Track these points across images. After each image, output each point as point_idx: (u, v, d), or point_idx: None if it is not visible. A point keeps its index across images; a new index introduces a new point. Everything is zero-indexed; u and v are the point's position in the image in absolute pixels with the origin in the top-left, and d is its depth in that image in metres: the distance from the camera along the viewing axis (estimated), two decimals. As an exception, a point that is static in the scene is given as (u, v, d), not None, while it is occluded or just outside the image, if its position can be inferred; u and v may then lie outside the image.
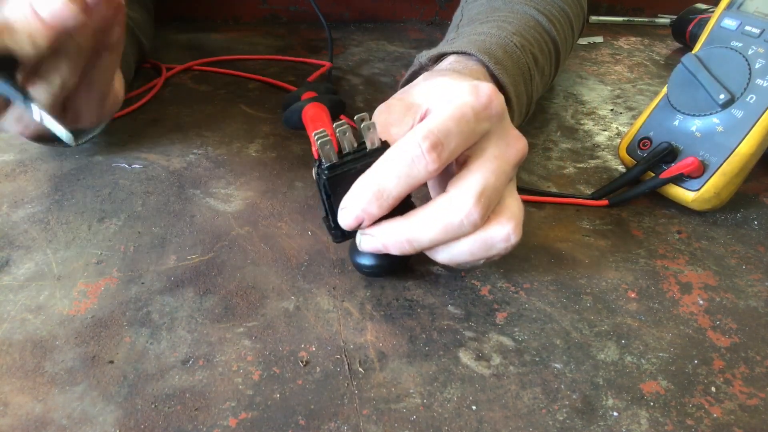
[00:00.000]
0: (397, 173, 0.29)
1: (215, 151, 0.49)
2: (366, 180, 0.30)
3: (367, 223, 0.31)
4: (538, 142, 0.54)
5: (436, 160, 0.29)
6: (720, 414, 0.29)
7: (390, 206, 0.30)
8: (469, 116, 0.30)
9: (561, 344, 0.33)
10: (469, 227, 0.29)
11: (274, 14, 0.83)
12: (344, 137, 0.31)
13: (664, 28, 0.88)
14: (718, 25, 0.45)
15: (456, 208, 0.29)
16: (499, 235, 0.30)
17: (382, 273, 0.36)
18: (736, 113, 0.42)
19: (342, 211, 0.31)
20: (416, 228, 0.30)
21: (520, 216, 0.31)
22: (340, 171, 0.31)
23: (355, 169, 0.31)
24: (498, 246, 0.30)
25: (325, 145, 0.30)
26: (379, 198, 0.30)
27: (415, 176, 0.29)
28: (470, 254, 0.31)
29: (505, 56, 0.41)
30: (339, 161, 0.31)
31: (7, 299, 0.33)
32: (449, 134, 0.29)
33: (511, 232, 0.30)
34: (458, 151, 0.30)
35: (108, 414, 0.28)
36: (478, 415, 0.29)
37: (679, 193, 0.43)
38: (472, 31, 0.45)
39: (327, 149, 0.30)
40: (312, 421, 0.28)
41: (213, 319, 0.33)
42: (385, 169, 0.29)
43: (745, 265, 0.40)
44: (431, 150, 0.28)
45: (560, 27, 0.51)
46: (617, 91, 0.66)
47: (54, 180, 0.44)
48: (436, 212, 0.30)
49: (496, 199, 0.30)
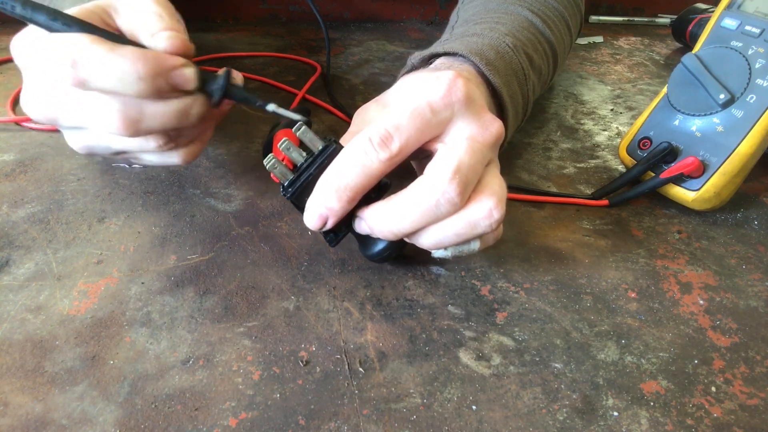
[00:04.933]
0: (350, 166, 0.30)
1: (215, 151, 0.49)
2: (323, 179, 0.31)
3: (333, 220, 0.32)
4: (538, 142, 0.54)
5: (386, 151, 0.30)
6: (720, 414, 0.29)
7: (351, 199, 0.31)
8: (423, 108, 0.31)
9: (561, 344, 0.33)
10: (447, 206, 0.30)
11: (273, 14, 0.83)
12: (290, 152, 0.32)
13: (664, 28, 0.88)
14: (718, 25, 0.45)
15: (431, 188, 0.30)
16: (481, 212, 0.30)
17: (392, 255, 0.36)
18: (736, 113, 0.42)
19: (306, 212, 0.32)
20: (396, 214, 0.31)
21: (501, 193, 0.32)
22: (299, 183, 0.33)
23: (312, 175, 0.32)
24: (482, 224, 0.31)
25: (275, 167, 0.32)
26: (338, 191, 0.31)
27: (369, 167, 0.30)
28: (456, 235, 0.31)
29: (496, 57, 0.41)
30: (295, 176, 0.33)
31: (7, 299, 0.33)
32: (399, 127, 0.31)
33: (492, 207, 0.30)
34: (415, 141, 0.31)
35: (108, 414, 0.28)
36: (478, 415, 0.29)
37: (679, 193, 0.43)
38: (465, 32, 0.45)
39: (279, 170, 0.32)
40: (312, 421, 0.28)
41: (213, 319, 0.33)
42: (339, 165, 0.31)
43: (745, 264, 0.40)
44: (381, 143, 0.30)
45: (555, 27, 0.51)
46: (617, 90, 0.66)
47: (54, 180, 0.44)
48: (413, 195, 0.31)
49: (473, 178, 0.31)
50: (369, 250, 0.35)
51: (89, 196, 0.42)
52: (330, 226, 0.32)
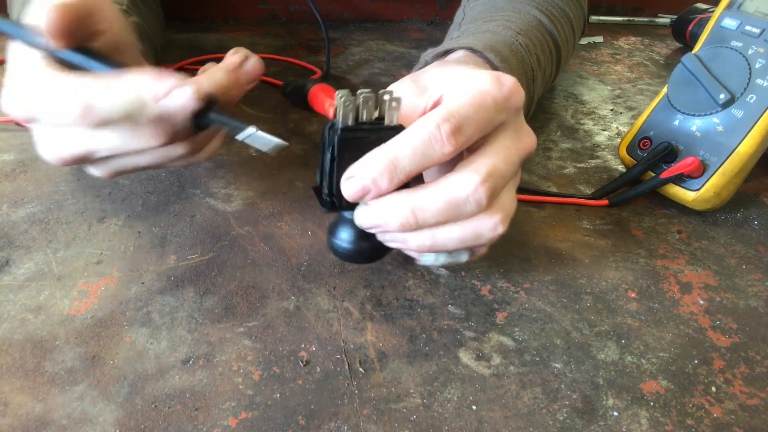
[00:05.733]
0: (413, 149, 0.29)
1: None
2: (381, 151, 0.29)
3: (371, 197, 0.30)
4: (538, 142, 0.53)
5: (453, 144, 0.29)
6: (720, 414, 0.29)
7: (400, 183, 0.29)
8: (489, 105, 0.30)
9: (561, 344, 0.33)
10: (474, 206, 0.29)
11: (273, 14, 0.83)
12: (366, 105, 0.30)
13: (664, 28, 0.88)
14: (718, 25, 0.45)
15: (463, 184, 0.29)
16: (489, 224, 0.30)
17: (359, 259, 0.34)
18: (736, 113, 0.42)
19: (349, 179, 0.30)
20: (421, 199, 0.30)
21: (509, 210, 0.31)
22: (353, 135, 0.30)
23: (369, 140, 0.29)
24: (486, 235, 0.30)
25: (348, 105, 0.29)
26: (392, 171, 0.29)
27: (430, 156, 0.29)
28: (460, 241, 0.31)
29: (510, 55, 0.41)
30: (355, 126, 0.30)
31: (7, 299, 0.33)
32: (468, 120, 0.29)
33: (498, 222, 0.30)
34: (474, 138, 0.30)
35: (108, 414, 0.28)
36: (478, 415, 0.29)
37: (679, 192, 0.43)
38: (477, 29, 0.45)
39: (347, 110, 0.29)
40: (312, 421, 0.28)
41: (213, 319, 0.33)
42: (402, 143, 0.29)
43: (745, 264, 0.40)
44: (450, 133, 0.28)
45: (561, 28, 0.51)
46: (617, 90, 0.66)
47: (54, 180, 0.44)
48: (443, 187, 0.29)
49: (501, 185, 0.30)
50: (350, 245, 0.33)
51: (89, 196, 0.42)
52: (367, 200, 0.30)
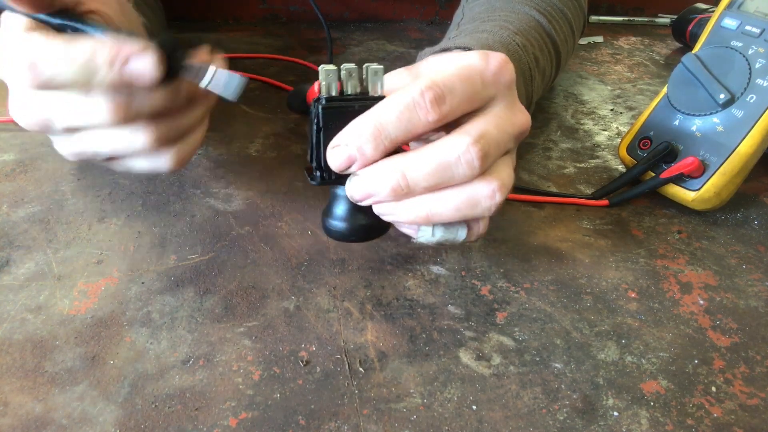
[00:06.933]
0: (398, 115, 0.28)
1: (215, 151, 0.49)
2: (365, 118, 0.29)
3: (359, 165, 0.30)
4: (538, 142, 0.54)
5: (437, 112, 0.28)
6: (720, 414, 0.29)
7: (386, 150, 0.29)
8: (475, 78, 0.30)
9: (561, 344, 0.33)
10: (465, 167, 0.29)
11: (274, 14, 0.83)
12: (349, 78, 0.30)
13: (664, 28, 0.88)
14: (718, 25, 0.45)
15: (454, 145, 0.29)
16: (485, 191, 0.30)
17: (356, 236, 0.33)
18: (736, 113, 0.42)
19: (334, 149, 0.30)
20: (411, 161, 0.29)
21: (507, 181, 0.31)
22: (337, 105, 0.30)
23: (353, 109, 0.30)
24: (483, 203, 0.30)
25: (330, 76, 0.30)
26: (377, 137, 0.29)
27: (414, 123, 0.29)
28: (455, 209, 0.30)
29: (507, 55, 0.41)
30: (339, 96, 0.30)
31: (7, 299, 0.33)
32: (452, 90, 0.29)
33: (496, 189, 0.30)
34: (460, 109, 0.29)
35: (108, 414, 0.28)
36: (478, 415, 0.29)
37: (679, 192, 0.43)
38: (475, 29, 0.45)
39: (330, 81, 0.30)
40: (312, 421, 0.28)
41: (213, 319, 0.33)
42: (386, 109, 0.29)
43: (745, 264, 0.40)
44: (434, 100, 0.28)
45: (560, 28, 0.51)
46: (617, 90, 0.66)
47: (54, 180, 0.44)
48: (433, 149, 0.29)
49: (495, 151, 0.30)
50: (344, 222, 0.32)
51: (89, 196, 0.42)
52: (354, 169, 0.30)
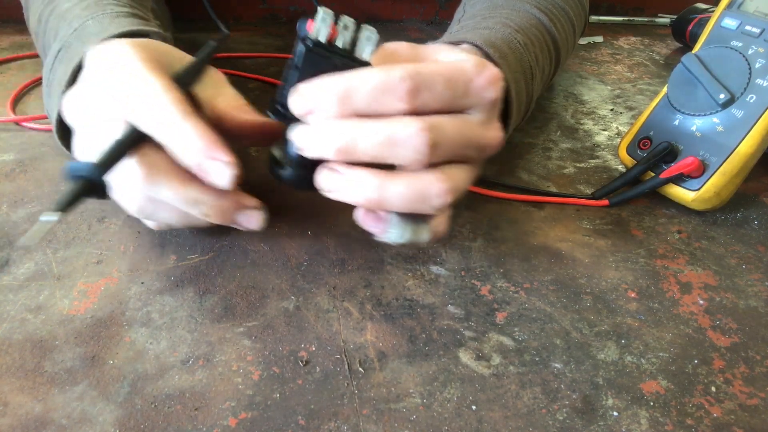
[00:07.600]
0: (370, 89, 0.28)
1: (215, 151, 0.49)
2: (339, 78, 0.29)
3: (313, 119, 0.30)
4: (538, 142, 0.54)
5: (408, 102, 0.28)
6: (720, 414, 0.29)
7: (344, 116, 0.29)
8: (459, 84, 0.30)
9: (561, 344, 0.33)
10: (411, 151, 0.28)
11: (274, 14, 0.83)
12: (344, 31, 0.29)
13: (664, 28, 0.88)
14: (718, 25, 0.45)
15: (404, 126, 0.28)
16: (435, 189, 0.29)
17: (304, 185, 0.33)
18: (736, 113, 0.42)
19: (297, 94, 0.29)
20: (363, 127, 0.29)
21: (459, 185, 0.31)
22: (321, 52, 0.29)
23: (334, 63, 0.29)
24: (431, 201, 0.30)
25: (326, 21, 0.29)
26: (342, 102, 0.29)
27: (382, 104, 0.28)
28: (406, 198, 0.30)
29: (509, 52, 0.41)
30: (326, 45, 0.29)
31: (7, 299, 0.33)
32: (431, 87, 0.29)
33: (445, 190, 0.30)
34: (432, 107, 0.29)
35: (108, 414, 0.28)
36: (478, 415, 0.29)
37: (679, 192, 0.43)
38: (476, 25, 0.45)
39: (324, 27, 0.29)
40: (312, 421, 0.28)
41: (213, 319, 0.33)
42: (362, 79, 0.28)
43: (745, 264, 0.40)
44: (409, 91, 0.28)
45: (561, 26, 0.51)
46: (617, 90, 0.66)
47: (54, 180, 0.44)
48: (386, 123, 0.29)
49: (446, 148, 0.29)
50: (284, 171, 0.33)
51: (89, 196, 0.42)
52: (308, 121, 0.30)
